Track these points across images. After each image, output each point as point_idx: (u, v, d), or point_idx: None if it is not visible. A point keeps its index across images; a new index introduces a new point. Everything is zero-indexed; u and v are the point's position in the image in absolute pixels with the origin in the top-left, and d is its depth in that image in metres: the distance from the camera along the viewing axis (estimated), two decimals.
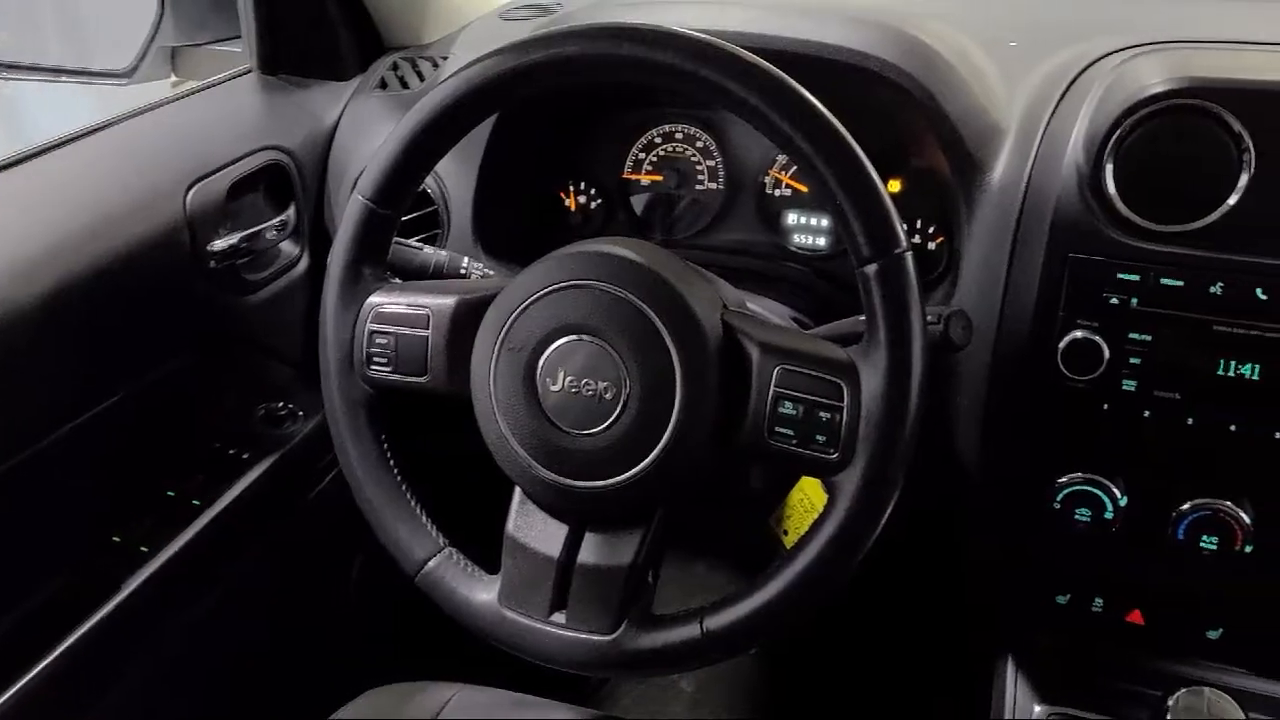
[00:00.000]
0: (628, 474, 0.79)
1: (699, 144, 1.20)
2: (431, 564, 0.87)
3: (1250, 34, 1.00)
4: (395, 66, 1.32)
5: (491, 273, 1.02)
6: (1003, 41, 1.11)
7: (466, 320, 0.86)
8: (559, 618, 0.84)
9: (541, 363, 0.81)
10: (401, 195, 0.87)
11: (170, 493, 1.19)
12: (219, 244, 1.17)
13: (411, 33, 1.37)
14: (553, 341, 0.81)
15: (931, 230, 1.09)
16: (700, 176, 1.21)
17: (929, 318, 0.92)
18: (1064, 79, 0.99)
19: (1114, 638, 1.04)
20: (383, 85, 1.30)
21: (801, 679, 1.74)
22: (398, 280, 0.91)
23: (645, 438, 0.78)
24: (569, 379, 0.80)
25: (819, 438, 0.77)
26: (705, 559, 1.84)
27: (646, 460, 0.78)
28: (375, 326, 0.88)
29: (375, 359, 0.88)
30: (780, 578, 0.78)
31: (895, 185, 1.12)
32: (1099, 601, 1.00)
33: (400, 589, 0.89)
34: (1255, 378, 0.85)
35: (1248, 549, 0.87)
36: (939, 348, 0.86)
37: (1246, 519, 0.87)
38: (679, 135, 1.21)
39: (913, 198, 1.10)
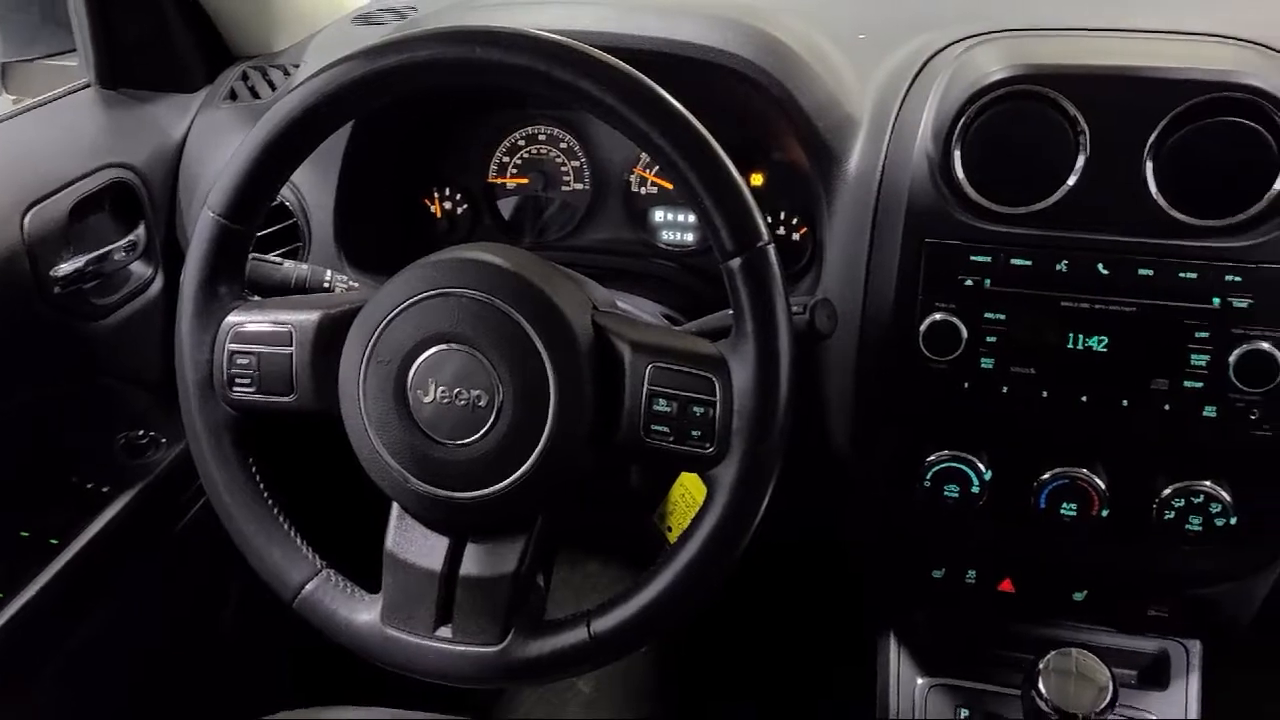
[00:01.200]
0: (505, 482, 0.78)
1: (562, 145, 1.20)
2: (309, 587, 0.85)
3: (1086, 21, 1.05)
4: (245, 76, 1.28)
5: (357, 285, 1.00)
6: (852, 35, 1.14)
7: (331, 335, 0.84)
8: (445, 632, 0.82)
9: (411, 374, 0.80)
10: (254, 209, 0.85)
11: (24, 533, 1.13)
12: (63, 268, 1.11)
13: (260, 41, 1.33)
14: (422, 352, 0.79)
15: (795, 221, 1.11)
16: (566, 178, 1.21)
17: (795, 308, 0.94)
18: (911, 69, 1.02)
19: (988, 607, 1.08)
20: (232, 96, 1.26)
21: (699, 671, 1.75)
22: (257, 298, 0.89)
23: (521, 444, 0.78)
24: (440, 389, 0.79)
25: (694, 433, 0.78)
26: (596, 558, 1.83)
27: (524, 467, 0.78)
28: (235, 347, 0.85)
29: (237, 380, 0.85)
30: (664, 575, 0.79)
31: (757, 178, 1.13)
32: (972, 573, 1.04)
33: (284, 615, 0.86)
34: (1102, 349, 0.89)
35: (1104, 513, 0.92)
36: (806, 337, 0.87)
37: (1102, 485, 0.91)
38: (542, 137, 1.20)
39: (775, 190, 1.12)
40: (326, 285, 1.00)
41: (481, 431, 0.78)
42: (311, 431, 0.88)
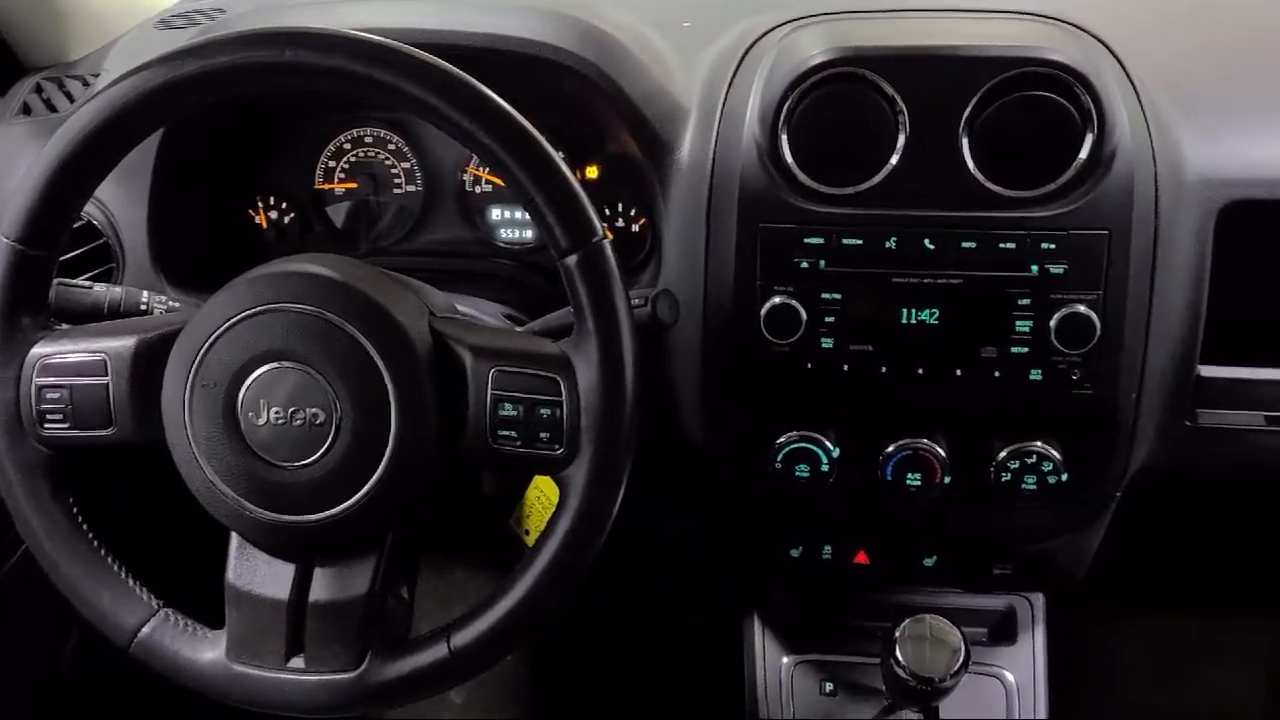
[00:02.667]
0: (350, 501, 0.76)
1: (390, 147, 1.16)
2: (145, 630, 0.80)
3: (903, 1, 1.08)
4: (39, 89, 1.19)
5: (178, 305, 0.95)
6: (677, 23, 1.14)
7: (151, 361, 0.79)
8: (297, 663, 0.79)
9: (241, 396, 0.76)
10: (54, 232, 0.79)
11: None
12: None
13: (55, 49, 1.24)
14: (251, 372, 0.76)
15: (633, 213, 1.11)
16: (397, 180, 1.17)
17: (636, 300, 0.94)
18: (735, 55, 1.02)
19: (845, 580, 1.11)
20: (26, 110, 1.17)
21: (570, 667, 1.75)
22: (65, 326, 0.83)
23: (364, 461, 0.75)
24: (274, 410, 0.75)
25: (543, 435, 0.77)
26: (462, 565, 1.80)
27: (368, 484, 0.75)
28: (44, 380, 0.79)
29: (49, 416, 0.79)
30: (521, 582, 0.77)
31: (593, 171, 1.13)
32: (828, 549, 1.06)
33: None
34: (934, 322, 0.92)
35: (947, 480, 0.95)
36: (649, 329, 0.87)
37: (942, 453, 0.94)
38: (369, 139, 1.16)
39: (611, 182, 1.11)
40: (144, 307, 0.94)
41: (321, 451, 0.75)
42: (137, 464, 0.83)
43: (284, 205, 1.18)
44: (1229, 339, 0.96)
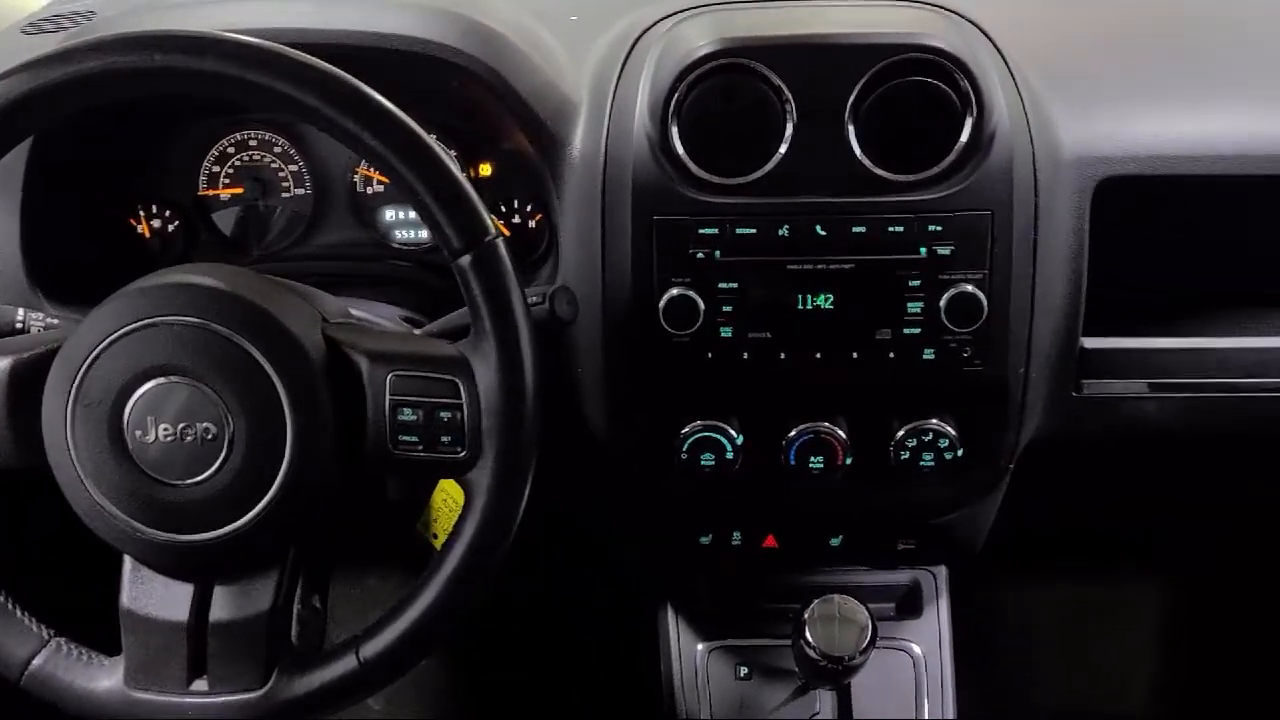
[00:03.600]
0: (248, 516, 0.74)
1: (277, 149, 1.13)
2: (37, 661, 0.78)
3: None
4: None
5: (57, 322, 0.91)
6: (564, 17, 1.14)
7: (28, 382, 0.76)
8: (200, 685, 0.78)
9: (127, 414, 0.74)
10: None
11: None
12: None
13: None
14: (136, 389, 0.74)
15: (529, 209, 1.10)
16: (285, 184, 1.14)
17: (533, 298, 0.93)
18: (623, 48, 1.02)
19: (756, 564, 1.12)
20: None
21: (488, 667, 1.74)
22: None
23: (260, 475, 0.74)
24: (163, 427, 0.73)
25: (444, 439, 0.76)
26: (375, 571, 1.78)
27: (266, 498, 0.74)
28: None
29: None
30: (429, 589, 0.77)
31: (486, 168, 1.12)
32: (737, 535, 1.08)
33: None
34: (829, 307, 0.93)
35: (849, 461, 0.97)
36: (547, 326, 0.87)
37: (843, 435, 0.96)
38: (253, 142, 1.13)
39: (506, 179, 1.10)
40: (19, 326, 0.90)
41: (215, 467, 0.74)
42: (20, 490, 0.80)
43: (167, 213, 1.14)
44: (1110, 311, 1.00)
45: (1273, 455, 1.12)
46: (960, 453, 0.95)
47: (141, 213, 1.14)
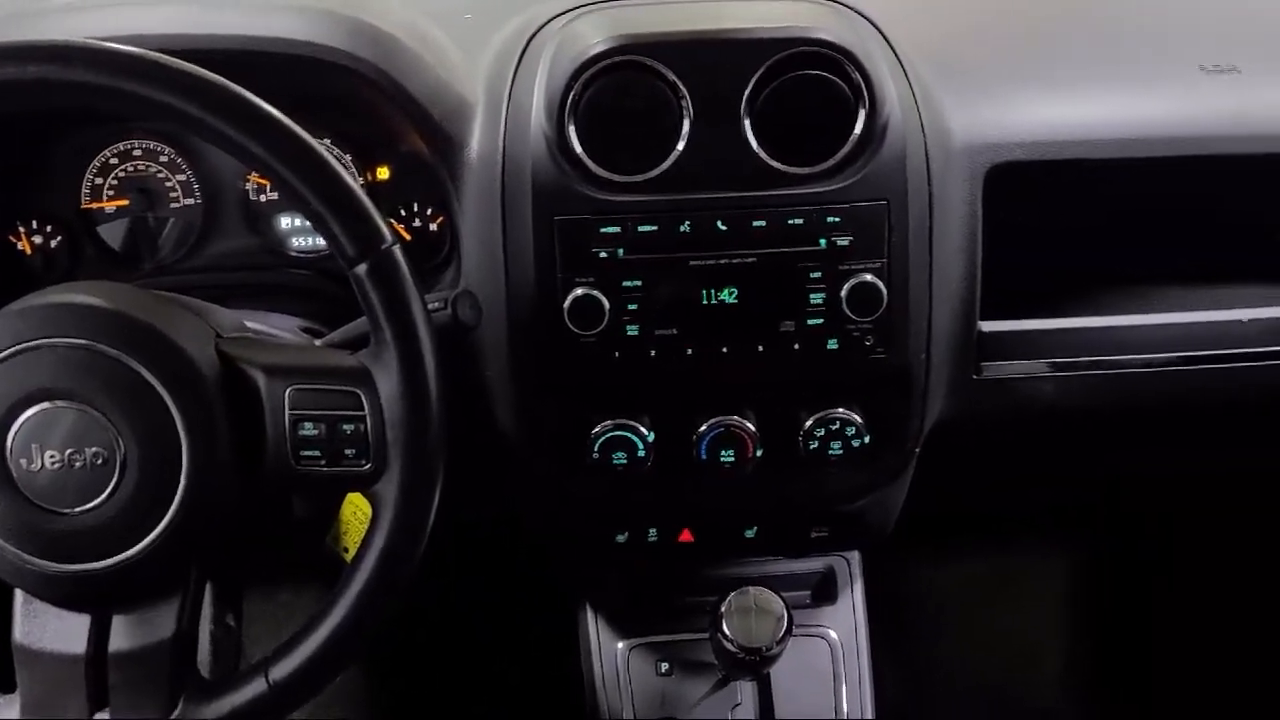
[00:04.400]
0: (144, 542, 0.72)
1: (163, 159, 1.09)
2: None
3: None
4: None
5: None
6: (458, 15, 1.12)
7: None
8: (103, 716, 0.75)
9: (10, 442, 0.71)
10: None
11: None
12: None
13: None
14: (18, 415, 0.71)
15: (430, 212, 1.09)
16: (173, 194, 1.10)
17: (435, 303, 0.92)
18: (517, 46, 1.01)
19: (673, 560, 1.13)
20: None
21: (410, 674, 1.72)
22: None
23: (155, 499, 0.71)
24: (49, 454, 0.71)
25: (348, 452, 0.75)
26: (290, 585, 1.74)
27: (162, 523, 0.72)
28: None
29: None
30: (339, 606, 0.75)
31: (384, 172, 1.09)
32: (653, 532, 1.08)
33: None
34: (734, 301, 0.94)
35: (759, 453, 0.97)
36: (451, 331, 0.86)
37: (753, 428, 0.97)
38: (137, 152, 1.09)
39: (405, 182, 1.09)
40: None
41: (107, 492, 0.71)
42: None
43: (49, 229, 1.09)
44: (1010, 295, 1.02)
45: (1163, 427, 1.17)
46: (867, 439, 0.97)
47: (21, 229, 1.09)
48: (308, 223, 1.11)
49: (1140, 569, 1.71)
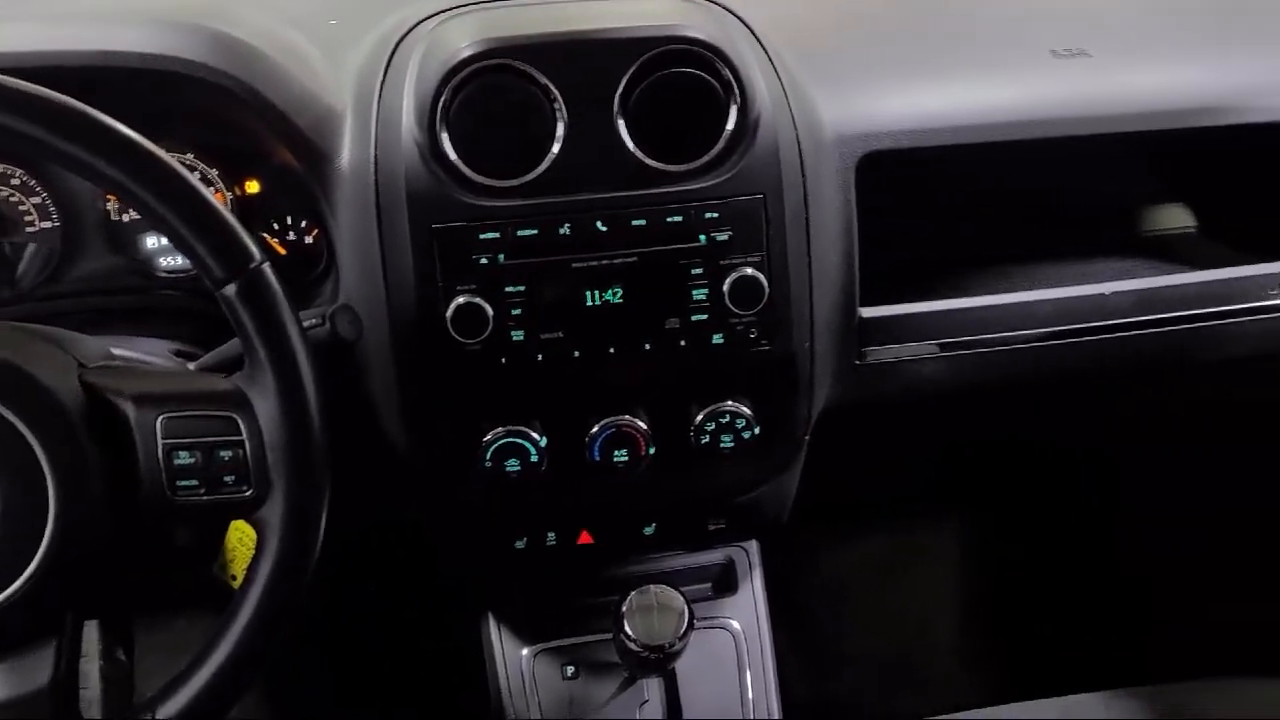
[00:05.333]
0: (11, 588, 0.68)
1: (14, 182, 1.04)
2: None
3: None
4: None
5: None
6: (323, 21, 1.09)
7: None
8: None
9: None
10: None
11: None
12: None
13: None
14: None
15: (304, 225, 1.06)
16: (29, 218, 1.05)
17: (313, 319, 0.90)
18: (385, 52, 0.99)
19: (573, 563, 1.12)
20: None
21: (312, 692, 1.68)
22: None
23: (21, 544, 0.68)
24: None
25: (227, 479, 0.72)
26: (183, 613, 1.69)
27: (30, 568, 0.68)
28: None
29: None
30: (226, 638, 0.73)
31: (254, 186, 1.06)
32: (552, 536, 1.07)
33: None
34: (618, 301, 0.94)
35: (652, 451, 0.97)
36: (330, 348, 0.84)
37: (644, 426, 0.97)
38: None
39: (277, 194, 1.05)
40: None
41: None
42: None
43: None
44: (887, 280, 1.05)
45: (1039, 399, 1.21)
46: (758, 430, 0.98)
47: None
48: None
49: (1021, 533, 1.78)
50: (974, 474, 1.70)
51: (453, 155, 0.90)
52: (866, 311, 1.02)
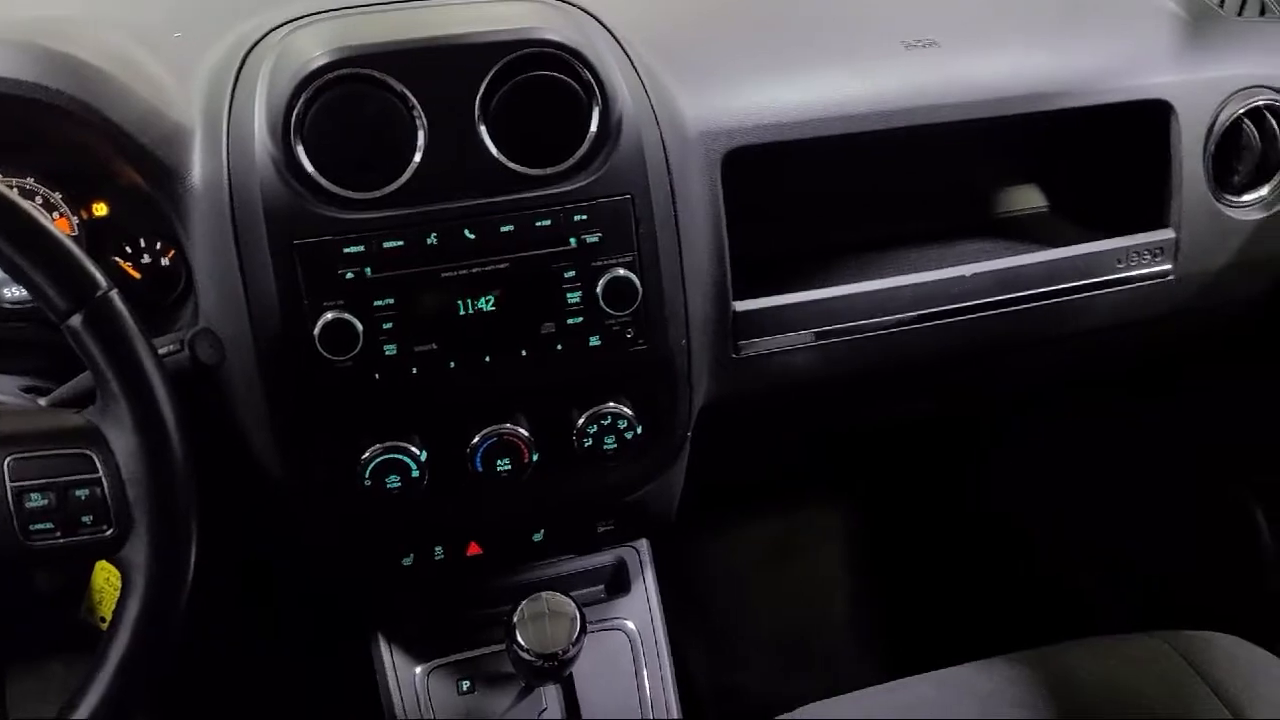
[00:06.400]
0: None
1: None
2: None
3: None
4: None
5: None
6: (167, 35, 1.05)
7: None
8: None
9: None
10: None
11: None
12: None
13: None
14: None
15: (160, 246, 1.02)
16: None
17: (170, 345, 0.87)
18: (233, 64, 0.96)
19: (463, 575, 1.11)
20: None
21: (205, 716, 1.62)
22: None
23: None
24: None
25: (85, 519, 0.69)
26: (60, 657, 1.61)
27: None
28: None
29: None
30: (95, 685, 0.70)
31: (102, 208, 1.01)
32: (439, 550, 1.05)
33: None
34: (492, 309, 0.92)
35: (535, 457, 0.96)
36: (191, 374, 0.81)
37: (526, 433, 0.96)
38: None
39: (128, 216, 1.01)
40: None
41: None
42: None
43: None
44: (758, 273, 1.06)
45: (907, 380, 1.24)
46: (640, 430, 0.98)
47: None
48: None
49: (902, 516, 1.83)
50: (856, 457, 1.74)
51: (310, 168, 0.88)
52: (740, 305, 1.03)
